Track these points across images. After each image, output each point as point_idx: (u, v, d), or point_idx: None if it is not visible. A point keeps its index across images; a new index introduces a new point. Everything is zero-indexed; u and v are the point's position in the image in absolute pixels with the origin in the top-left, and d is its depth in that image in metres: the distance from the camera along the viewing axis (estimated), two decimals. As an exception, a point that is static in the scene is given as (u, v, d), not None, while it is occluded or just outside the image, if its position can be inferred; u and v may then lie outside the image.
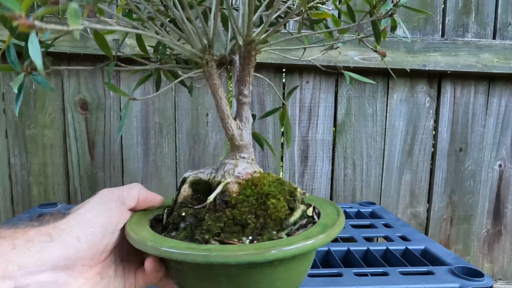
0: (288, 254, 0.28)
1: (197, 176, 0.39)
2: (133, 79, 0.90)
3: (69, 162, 0.91)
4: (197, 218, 0.34)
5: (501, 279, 1.05)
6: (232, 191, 0.35)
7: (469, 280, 0.47)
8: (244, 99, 0.39)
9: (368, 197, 1.00)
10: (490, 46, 0.92)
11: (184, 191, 0.38)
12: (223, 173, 0.37)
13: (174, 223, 0.35)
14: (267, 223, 0.33)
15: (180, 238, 0.32)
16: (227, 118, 0.37)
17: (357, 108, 0.97)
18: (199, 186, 0.39)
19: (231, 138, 0.38)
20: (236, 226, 0.33)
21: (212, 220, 0.33)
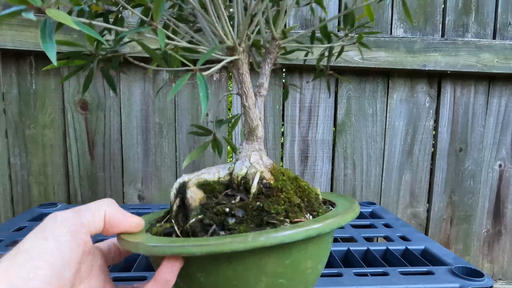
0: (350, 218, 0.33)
1: (201, 177, 0.37)
2: (133, 79, 0.90)
3: (69, 162, 0.91)
4: (250, 208, 0.33)
5: (501, 279, 1.05)
6: (269, 178, 0.36)
7: (469, 280, 0.47)
8: (262, 92, 0.39)
9: (368, 197, 1.00)
10: (490, 46, 0.92)
11: (196, 194, 0.35)
12: (250, 164, 0.36)
13: (208, 224, 0.32)
14: (311, 202, 0.37)
15: (241, 232, 0.31)
16: (254, 108, 0.37)
17: (357, 108, 0.97)
18: (208, 188, 0.36)
19: (255, 129, 0.38)
20: (294, 206, 0.34)
21: (274, 205, 0.33)
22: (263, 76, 0.39)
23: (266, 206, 0.33)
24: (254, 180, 0.34)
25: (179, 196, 0.36)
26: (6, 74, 0.86)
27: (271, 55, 0.39)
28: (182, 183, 0.37)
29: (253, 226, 0.31)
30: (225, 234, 0.31)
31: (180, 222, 0.34)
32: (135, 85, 0.90)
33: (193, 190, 0.35)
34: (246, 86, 0.36)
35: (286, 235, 0.28)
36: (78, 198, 0.92)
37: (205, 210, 0.33)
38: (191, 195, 0.35)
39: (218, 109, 0.93)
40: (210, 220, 0.32)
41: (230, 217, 0.32)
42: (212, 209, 0.33)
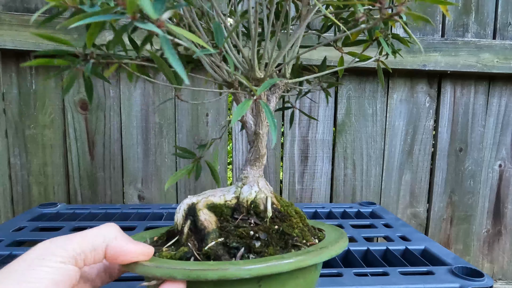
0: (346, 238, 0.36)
1: (209, 200, 0.37)
2: (133, 79, 0.90)
3: (69, 162, 0.91)
4: (271, 232, 0.34)
5: (501, 279, 1.05)
6: (275, 203, 0.38)
7: (469, 280, 0.47)
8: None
9: (368, 197, 1.00)
10: (490, 46, 0.92)
11: (210, 217, 0.35)
12: (259, 190, 0.38)
13: (234, 247, 0.32)
14: (309, 226, 0.38)
15: (270, 254, 0.31)
16: (265, 137, 0.40)
17: (357, 108, 0.97)
18: (216, 211, 0.36)
19: (262, 156, 0.40)
20: (304, 231, 0.36)
21: (291, 229, 0.35)
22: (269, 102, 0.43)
23: (286, 230, 0.34)
24: (268, 205, 0.36)
25: (190, 218, 0.35)
26: (6, 74, 0.86)
27: (279, 90, 0.43)
28: (191, 204, 0.36)
29: (279, 248, 0.33)
30: (254, 256, 0.31)
31: (194, 246, 0.33)
32: (135, 85, 0.90)
33: (206, 212, 0.35)
34: (262, 117, 0.39)
35: (322, 257, 0.30)
36: (78, 198, 0.92)
37: (226, 233, 0.33)
38: (205, 218, 0.34)
39: (218, 109, 0.93)
40: (236, 243, 0.32)
41: (255, 240, 0.32)
42: (234, 232, 0.33)
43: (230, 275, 0.27)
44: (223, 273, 0.27)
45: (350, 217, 0.80)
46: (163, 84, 0.91)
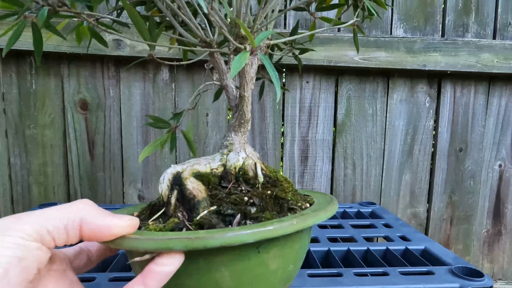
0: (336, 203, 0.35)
1: (195, 168, 0.35)
2: (134, 78, 0.90)
3: (69, 162, 0.91)
4: (265, 197, 0.33)
5: (501, 279, 1.05)
6: (263, 169, 0.36)
7: (469, 280, 0.47)
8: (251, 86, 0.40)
9: (368, 197, 1.00)
10: (490, 46, 0.92)
11: (198, 185, 0.33)
12: (246, 156, 0.36)
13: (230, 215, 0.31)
14: (297, 191, 0.37)
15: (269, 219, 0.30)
16: (249, 101, 0.38)
17: (357, 108, 0.97)
18: (204, 179, 0.34)
19: (247, 121, 0.38)
20: (296, 195, 0.36)
21: (284, 193, 0.34)
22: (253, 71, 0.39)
23: (280, 194, 0.33)
24: (258, 170, 0.35)
25: (176, 188, 0.33)
26: (6, 74, 0.86)
27: (261, 52, 0.39)
28: (176, 173, 0.34)
29: (275, 213, 0.32)
30: (251, 222, 0.30)
31: (184, 216, 0.31)
32: (135, 85, 0.90)
33: (193, 181, 0.33)
34: (249, 76, 0.36)
35: (321, 217, 0.30)
36: (78, 198, 0.92)
37: (218, 200, 0.31)
38: (193, 186, 0.32)
39: (218, 109, 0.93)
40: (231, 210, 0.30)
41: (250, 206, 0.31)
42: (226, 199, 0.31)
43: (232, 240, 0.25)
44: (224, 240, 0.25)
45: (350, 217, 0.80)
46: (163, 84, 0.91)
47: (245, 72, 0.36)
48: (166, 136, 0.45)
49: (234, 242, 0.25)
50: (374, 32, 0.94)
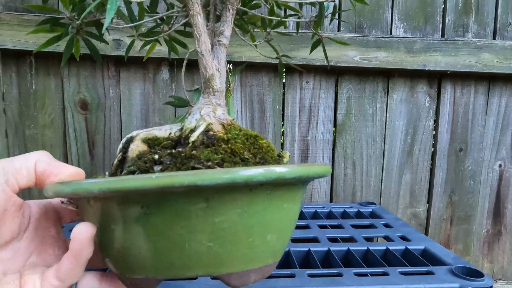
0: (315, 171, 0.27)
1: (151, 133, 0.34)
2: (134, 78, 0.90)
3: (69, 162, 0.91)
4: (182, 156, 0.29)
5: (501, 279, 1.05)
6: (218, 130, 0.31)
7: (469, 280, 0.47)
8: (223, 40, 0.36)
9: (368, 197, 1.00)
10: (490, 46, 0.92)
11: (137, 147, 0.32)
12: (200, 117, 0.33)
13: (132, 171, 0.29)
14: (266, 159, 0.32)
15: None
16: (208, 55, 0.34)
17: (357, 108, 0.97)
18: (155, 142, 0.33)
19: (210, 79, 0.34)
20: (236, 157, 0.29)
21: (208, 152, 0.29)
22: (224, 24, 0.36)
23: (199, 154, 0.28)
24: (197, 130, 0.31)
25: (123, 150, 0.33)
26: (6, 74, 0.86)
27: (232, 9, 0.36)
28: (130, 137, 0.34)
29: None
30: None
31: (118, 175, 0.32)
32: (135, 85, 0.90)
33: (136, 143, 0.33)
34: (198, 29, 0.33)
35: (200, 177, 0.22)
36: (78, 198, 0.92)
37: (138, 160, 0.30)
38: (132, 148, 0.32)
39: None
40: (137, 168, 0.29)
41: (157, 165, 0.29)
42: (144, 157, 0.30)
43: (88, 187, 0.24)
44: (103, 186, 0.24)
45: (350, 217, 0.80)
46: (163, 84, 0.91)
47: (194, 24, 0.33)
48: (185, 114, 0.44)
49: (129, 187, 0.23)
50: (374, 32, 0.94)
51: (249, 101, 0.94)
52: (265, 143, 0.33)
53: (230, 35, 0.36)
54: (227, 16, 0.36)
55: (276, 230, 0.27)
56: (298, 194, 0.29)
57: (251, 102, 0.94)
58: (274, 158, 0.33)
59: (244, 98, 0.94)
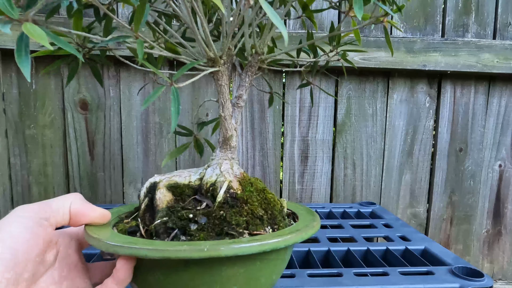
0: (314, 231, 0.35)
1: (172, 180, 0.37)
2: (134, 78, 0.90)
3: (69, 162, 0.91)
4: (213, 216, 0.33)
5: (501, 279, 1.05)
6: (236, 188, 0.36)
7: (469, 280, 0.47)
8: (241, 103, 0.40)
9: (368, 197, 1.00)
10: (490, 46, 0.92)
11: (164, 196, 0.36)
12: (220, 173, 0.37)
13: (171, 228, 0.33)
14: (274, 214, 0.37)
15: (200, 239, 0.32)
16: (229, 119, 0.39)
17: (357, 108, 0.97)
18: (178, 190, 0.37)
19: (229, 138, 0.39)
20: (256, 219, 0.35)
21: (236, 216, 0.34)
22: (243, 88, 0.41)
23: (228, 216, 0.34)
24: (221, 189, 0.35)
25: (149, 195, 0.37)
26: (6, 74, 0.86)
27: (252, 68, 0.40)
28: (153, 183, 0.37)
29: (213, 234, 0.33)
30: (185, 239, 0.32)
31: (147, 222, 0.36)
32: (135, 85, 0.90)
33: (162, 191, 0.36)
34: (224, 97, 0.37)
35: (240, 248, 0.29)
36: (78, 198, 0.92)
37: (170, 213, 0.34)
38: (159, 196, 0.36)
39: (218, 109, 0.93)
40: (173, 224, 0.33)
41: (193, 223, 0.33)
42: (177, 213, 0.34)
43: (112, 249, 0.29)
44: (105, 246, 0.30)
45: (350, 217, 0.80)
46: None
47: (221, 93, 0.38)
48: (188, 143, 0.51)
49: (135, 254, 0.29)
50: (374, 32, 0.94)
51: (249, 101, 0.94)
52: (271, 197, 0.39)
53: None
54: (246, 81, 0.40)
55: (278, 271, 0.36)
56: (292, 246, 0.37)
57: (251, 102, 0.94)
58: (279, 210, 0.39)
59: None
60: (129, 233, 0.35)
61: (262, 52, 0.39)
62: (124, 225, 0.36)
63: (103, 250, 0.30)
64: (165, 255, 0.28)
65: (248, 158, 0.96)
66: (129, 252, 0.29)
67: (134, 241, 0.30)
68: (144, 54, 0.35)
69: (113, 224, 0.36)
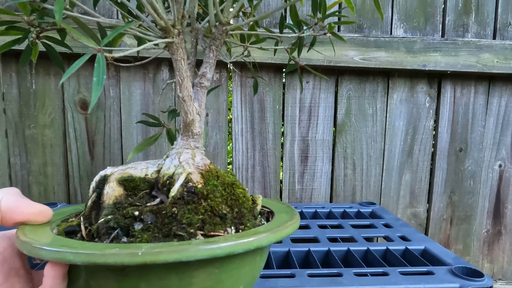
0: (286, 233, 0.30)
1: (126, 172, 0.32)
2: (134, 78, 0.90)
3: (69, 162, 0.91)
4: (162, 214, 0.29)
5: (501, 279, 1.05)
6: (197, 181, 0.31)
7: (469, 280, 0.47)
8: (205, 83, 0.35)
9: (368, 197, 1.00)
10: (490, 46, 0.92)
11: (113, 191, 0.31)
12: (179, 164, 0.32)
13: (112, 227, 0.28)
14: (242, 213, 0.33)
15: (143, 241, 0.27)
16: (190, 100, 0.34)
17: (357, 108, 0.97)
18: (131, 184, 0.32)
19: (190, 123, 0.34)
20: (216, 217, 0.30)
21: (189, 213, 0.29)
22: (207, 65, 0.35)
23: (180, 214, 0.29)
24: (177, 182, 0.31)
25: (97, 190, 0.32)
26: (6, 74, 0.86)
27: (216, 42, 0.35)
28: (104, 176, 0.33)
29: (160, 236, 0.28)
30: (126, 240, 0.28)
31: (93, 221, 0.31)
32: (135, 85, 0.90)
33: (112, 185, 0.31)
34: (181, 74, 0.32)
35: (184, 253, 0.24)
36: (78, 198, 0.92)
37: (116, 210, 0.30)
38: (107, 191, 0.31)
39: (218, 109, 0.93)
40: (115, 223, 0.29)
41: (138, 223, 0.29)
42: (123, 210, 0.29)
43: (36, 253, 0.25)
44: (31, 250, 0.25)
45: (350, 217, 0.80)
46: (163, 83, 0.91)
47: (177, 69, 0.33)
48: (157, 134, 0.43)
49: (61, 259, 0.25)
50: (374, 32, 0.94)
51: (249, 101, 0.94)
52: (241, 192, 0.34)
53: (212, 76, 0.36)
54: (210, 57, 0.35)
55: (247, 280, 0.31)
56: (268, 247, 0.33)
57: (251, 102, 0.94)
58: (249, 208, 0.34)
59: (244, 98, 0.94)
60: (67, 233, 0.30)
61: (228, 22, 0.34)
62: (66, 224, 0.31)
63: (25, 253, 0.26)
64: (91, 260, 0.23)
65: (248, 158, 0.96)
66: (54, 256, 0.24)
67: (63, 243, 0.26)
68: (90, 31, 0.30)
69: (57, 224, 0.32)
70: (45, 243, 0.26)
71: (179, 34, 0.31)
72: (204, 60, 0.36)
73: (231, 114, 0.98)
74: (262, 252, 0.31)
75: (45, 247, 0.25)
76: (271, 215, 0.36)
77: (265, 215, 0.37)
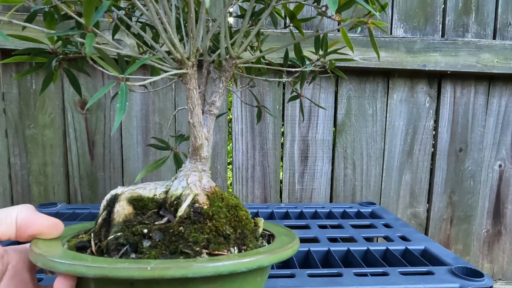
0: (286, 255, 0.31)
1: (136, 192, 0.35)
2: (134, 80, 0.90)
3: (69, 162, 0.91)
4: (170, 233, 0.30)
5: (501, 279, 1.05)
6: (203, 202, 0.33)
7: (469, 280, 0.47)
8: (214, 110, 0.38)
9: (368, 197, 1.00)
10: (490, 46, 0.92)
11: (123, 209, 0.33)
12: (186, 185, 0.34)
13: (121, 244, 0.30)
14: (245, 234, 0.34)
15: (151, 257, 0.29)
16: (199, 126, 0.36)
17: (357, 108, 0.97)
18: (140, 204, 0.34)
19: (199, 148, 0.36)
20: (220, 237, 0.32)
21: (195, 232, 0.31)
22: (216, 94, 0.38)
23: (187, 233, 0.31)
24: (184, 203, 0.32)
25: (108, 208, 0.34)
26: (6, 74, 0.86)
27: (226, 73, 0.38)
28: (114, 195, 0.35)
29: (167, 253, 0.30)
30: (135, 256, 0.29)
31: (102, 237, 0.32)
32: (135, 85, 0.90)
33: (122, 204, 0.33)
34: (193, 102, 0.35)
35: (191, 269, 0.26)
36: (78, 198, 0.92)
37: (125, 227, 0.31)
38: (118, 209, 0.33)
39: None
40: (125, 239, 0.30)
41: (146, 240, 0.30)
42: (132, 227, 0.31)
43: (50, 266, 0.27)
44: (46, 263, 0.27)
45: (350, 217, 0.80)
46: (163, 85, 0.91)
47: (189, 98, 0.35)
48: (165, 157, 0.48)
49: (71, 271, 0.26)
50: (374, 32, 0.94)
51: (249, 101, 0.94)
52: (244, 215, 0.36)
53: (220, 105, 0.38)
54: (220, 87, 0.38)
55: None
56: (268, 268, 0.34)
57: (251, 102, 0.94)
58: (251, 230, 0.36)
59: (244, 98, 0.94)
60: (78, 248, 0.32)
61: (237, 56, 0.37)
62: (77, 239, 0.33)
63: (39, 265, 0.27)
64: (102, 273, 0.25)
65: (248, 158, 0.96)
66: (67, 268, 0.26)
67: (75, 257, 0.27)
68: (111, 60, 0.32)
69: (67, 239, 0.33)
70: (59, 256, 0.27)
71: (193, 66, 0.34)
72: (214, 90, 0.38)
73: (231, 114, 0.98)
74: (263, 272, 0.33)
75: (59, 259, 0.27)
76: (272, 238, 0.38)
77: (266, 237, 0.39)
